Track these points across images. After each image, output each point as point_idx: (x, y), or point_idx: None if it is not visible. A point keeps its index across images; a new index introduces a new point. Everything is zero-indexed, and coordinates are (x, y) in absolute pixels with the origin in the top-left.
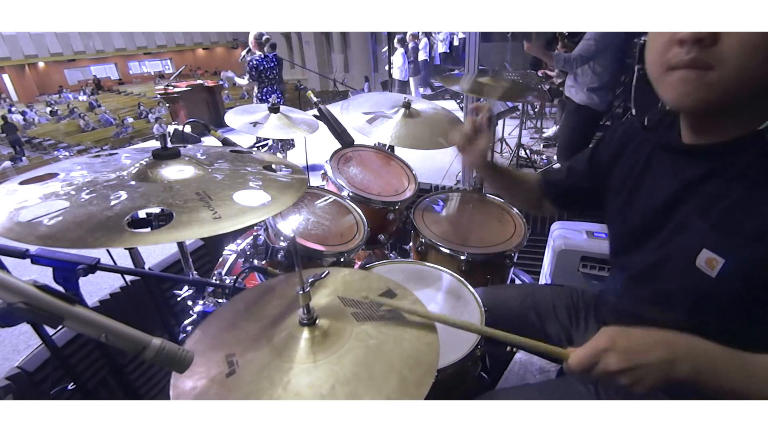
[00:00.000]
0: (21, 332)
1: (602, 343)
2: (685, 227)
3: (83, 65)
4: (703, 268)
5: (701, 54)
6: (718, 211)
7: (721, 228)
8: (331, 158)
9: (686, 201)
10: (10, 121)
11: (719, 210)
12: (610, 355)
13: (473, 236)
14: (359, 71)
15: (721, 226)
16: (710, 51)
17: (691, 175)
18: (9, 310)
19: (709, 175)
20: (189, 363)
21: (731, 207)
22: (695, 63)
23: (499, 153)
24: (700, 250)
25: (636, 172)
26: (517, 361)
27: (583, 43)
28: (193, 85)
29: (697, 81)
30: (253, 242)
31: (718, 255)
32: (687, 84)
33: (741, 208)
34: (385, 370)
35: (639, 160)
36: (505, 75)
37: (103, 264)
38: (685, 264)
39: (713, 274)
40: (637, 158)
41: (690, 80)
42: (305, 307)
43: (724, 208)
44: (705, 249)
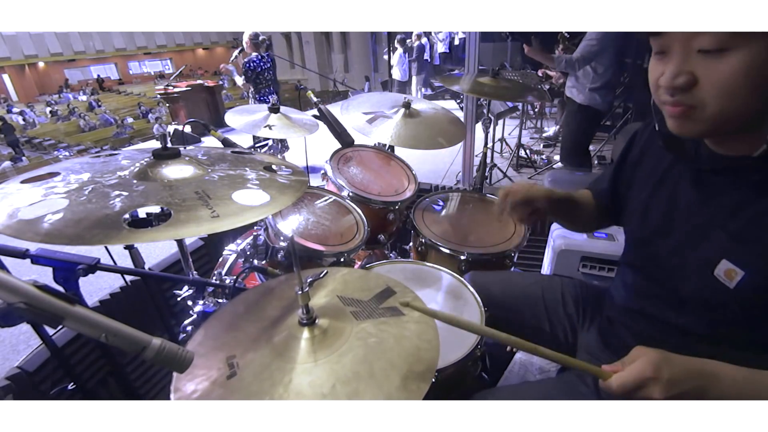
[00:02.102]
0: (21, 332)
1: (648, 371)
2: (706, 236)
3: (83, 65)
4: (722, 278)
5: (682, 97)
6: (739, 223)
7: (743, 240)
8: (331, 158)
9: (707, 209)
10: (9, 122)
11: (741, 221)
12: (655, 384)
13: (473, 236)
14: (359, 71)
15: (743, 237)
16: (690, 94)
17: (713, 185)
18: (9, 310)
19: (731, 185)
20: (189, 363)
21: (754, 219)
22: (679, 104)
23: (500, 153)
24: (720, 261)
25: (659, 174)
26: (517, 361)
27: (584, 44)
28: (193, 85)
29: (684, 119)
30: (253, 242)
31: (738, 267)
32: (677, 120)
33: (764, 221)
34: (386, 367)
35: (663, 161)
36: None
37: (103, 264)
38: (704, 273)
39: (732, 285)
40: (661, 160)
41: (678, 117)
42: (304, 307)
43: (747, 220)
44: (725, 260)
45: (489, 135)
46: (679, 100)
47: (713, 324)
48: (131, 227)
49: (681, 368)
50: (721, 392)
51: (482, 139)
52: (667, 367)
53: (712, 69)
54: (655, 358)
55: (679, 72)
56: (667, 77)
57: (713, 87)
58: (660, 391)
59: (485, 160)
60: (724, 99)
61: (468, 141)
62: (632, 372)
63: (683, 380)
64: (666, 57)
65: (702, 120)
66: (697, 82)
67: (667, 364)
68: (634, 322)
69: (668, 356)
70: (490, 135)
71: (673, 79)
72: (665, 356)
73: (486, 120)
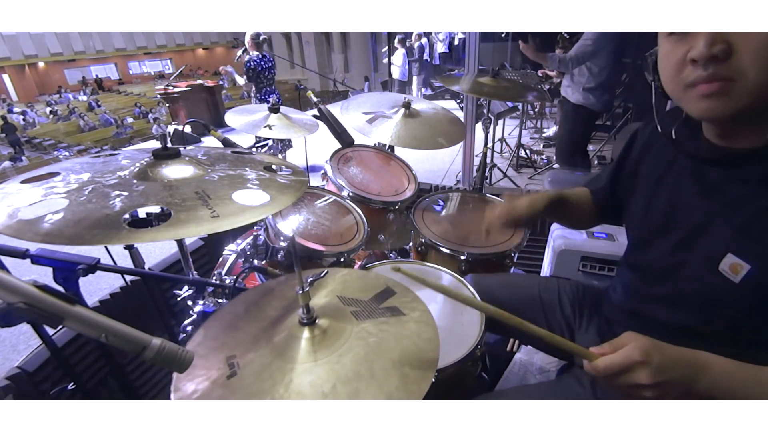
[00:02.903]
0: (21, 332)
1: (636, 355)
2: (709, 231)
3: (83, 65)
4: (726, 273)
5: (719, 69)
6: (744, 216)
7: (748, 233)
8: (331, 158)
9: (711, 204)
10: (11, 122)
11: (746, 215)
12: (643, 368)
13: (473, 236)
14: (359, 71)
15: (748, 231)
16: (727, 65)
17: (717, 179)
18: (9, 310)
19: (735, 179)
20: (189, 363)
21: (759, 212)
22: (716, 78)
23: (500, 153)
24: (725, 255)
25: (660, 172)
26: (517, 361)
27: (579, 43)
28: (193, 85)
29: (722, 94)
30: (253, 242)
31: (744, 261)
32: (711, 98)
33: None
34: (386, 367)
35: (663, 159)
36: (505, 75)
37: (103, 264)
38: (708, 268)
39: (737, 279)
40: (662, 158)
41: (714, 94)
42: (305, 307)
43: (752, 214)
44: (730, 254)
45: (489, 135)
46: (715, 73)
47: (713, 322)
48: (131, 227)
49: (670, 356)
50: (711, 384)
51: (482, 139)
52: (656, 353)
53: (748, 33)
54: (645, 343)
55: (715, 39)
56: (701, 49)
57: (754, 51)
58: (647, 376)
59: (485, 160)
60: (764, 62)
61: (468, 141)
62: (620, 354)
63: (672, 368)
64: (687, 35)
65: (742, 94)
66: (733, 52)
67: (656, 350)
68: (632, 323)
69: (658, 343)
70: (490, 135)
71: (710, 47)
72: (655, 343)
73: (486, 120)
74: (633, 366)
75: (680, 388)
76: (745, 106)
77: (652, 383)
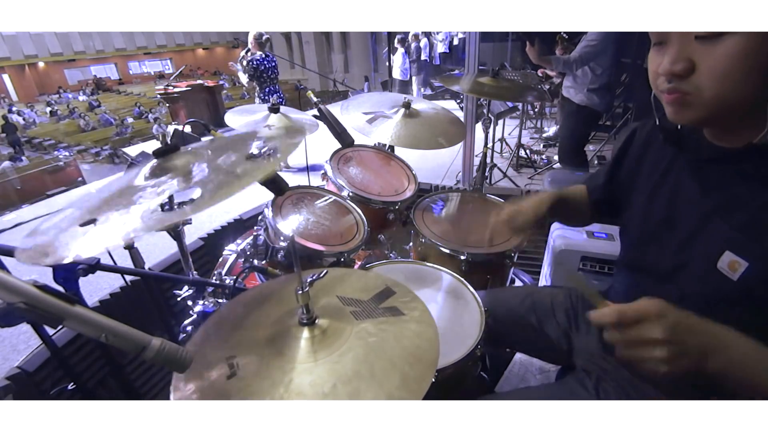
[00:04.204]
0: (21, 332)
1: (653, 308)
2: (708, 229)
3: (83, 65)
4: (725, 270)
5: (679, 84)
6: (742, 214)
7: (746, 231)
8: (331, 158)
9: (709, 203)
10: (11, 122)
11: (743, 212)
12: (658, 322)
13: (473, 236)
14: (359, 71)
15: (746, 228)
16: (688, 80)
17: (714, 177)
18: (9, 310)
19: (733, 177)
20: (189, 363)
21: (757, 210)
22: (676, 91)
23: (500, 153)
24: (723, 252)
25: (659, 173)
26: (517, 361)
27: (582, 44)
28: (193, 85)
29: (681, 105)
30: (253, 242)
31: (742, 258)
32: (674, 107)
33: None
34: (386, 367)
35: (662, 160)
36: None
37: (103, 264)
38: (707, 266)
39: (735, 277)
40: (661, 157)
41: (675, 104)
42: (304, 307)
43: (749, 211)
44: (728, 251)
45: (489, 135)
46: (676, 87)
47: (712, 320)
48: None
49: (689, 319)
50: (727, 363)
51: (482, 139)
52: (673, 311)
53: (708, 54)
54: (661, 301)
55: (678, 58)
56: (665, 64)
57: (710, 71)
58: (662, 329)
59: (485, 160)
60: (720, 83)
61: (468, 141)
62: (636, 304)
63: (689, 332)
64: (664, 46)
65: (699, 106)
66: (695, 69)
67: (673, 309)
68: None
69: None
70: (490, 135)
71: (672, 65)
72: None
73: (486, 120)
74: (648, 317)
75: (693, 357)
76: (704, 117)
77: (665, 338)
